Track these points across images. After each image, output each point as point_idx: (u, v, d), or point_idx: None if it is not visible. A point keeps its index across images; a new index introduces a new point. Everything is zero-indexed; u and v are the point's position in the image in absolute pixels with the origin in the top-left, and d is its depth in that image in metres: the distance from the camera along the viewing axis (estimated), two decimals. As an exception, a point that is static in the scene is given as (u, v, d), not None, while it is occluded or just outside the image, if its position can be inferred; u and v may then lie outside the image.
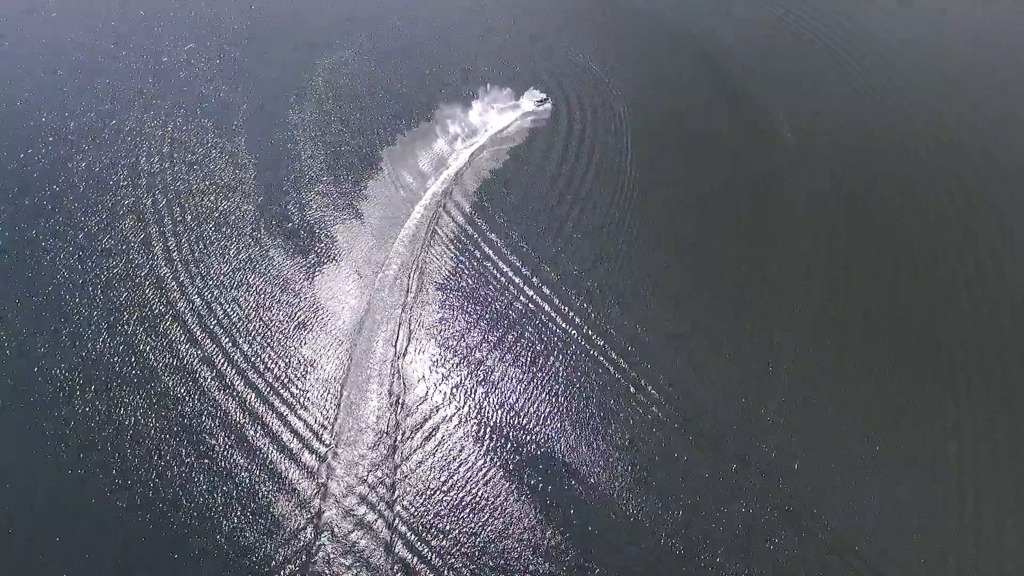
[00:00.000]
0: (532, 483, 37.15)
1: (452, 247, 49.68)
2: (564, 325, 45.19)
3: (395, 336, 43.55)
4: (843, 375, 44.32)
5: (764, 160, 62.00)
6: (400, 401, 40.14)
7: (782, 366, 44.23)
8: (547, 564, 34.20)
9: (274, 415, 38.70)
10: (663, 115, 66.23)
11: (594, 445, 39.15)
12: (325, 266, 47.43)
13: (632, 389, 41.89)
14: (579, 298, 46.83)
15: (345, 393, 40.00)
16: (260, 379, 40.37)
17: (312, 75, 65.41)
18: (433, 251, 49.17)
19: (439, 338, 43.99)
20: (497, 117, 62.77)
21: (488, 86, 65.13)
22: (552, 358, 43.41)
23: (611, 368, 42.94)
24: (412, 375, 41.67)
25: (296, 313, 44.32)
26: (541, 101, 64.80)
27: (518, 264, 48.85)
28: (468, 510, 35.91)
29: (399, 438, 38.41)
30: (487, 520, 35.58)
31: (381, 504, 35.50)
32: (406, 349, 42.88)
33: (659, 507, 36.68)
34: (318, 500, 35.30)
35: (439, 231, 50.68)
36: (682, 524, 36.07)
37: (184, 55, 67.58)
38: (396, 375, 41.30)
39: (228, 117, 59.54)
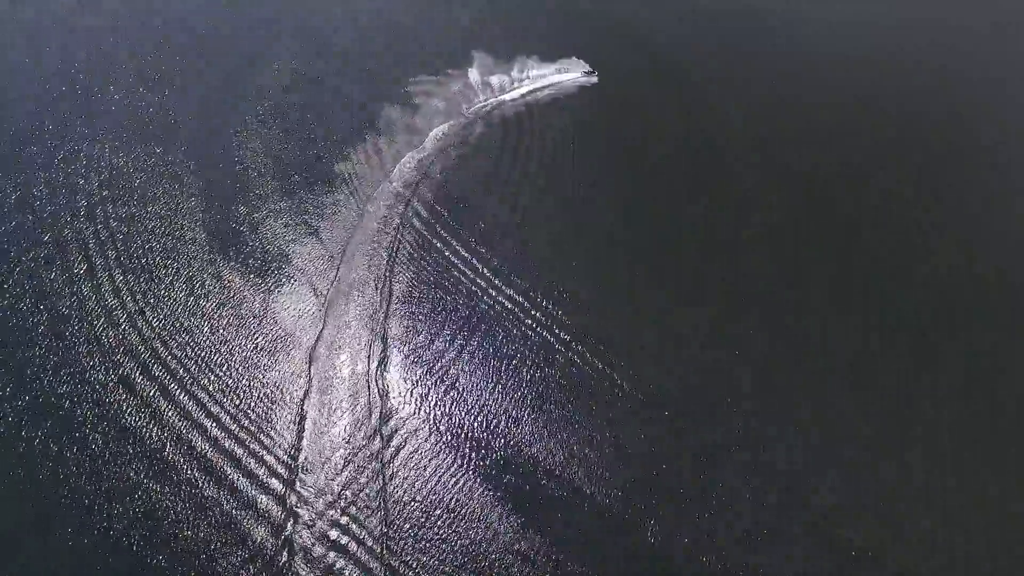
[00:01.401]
0: (509, 487, 37.43)
1: (411, 256, 49.42)
2: (532, 324, 45.34)
3: (361, 350, 42.97)
4: (807, 362, 45.87)
5: (710, 149, 63.17)
6: (370, 415, 39.57)
7: (749, 355, 45.28)
8: (529, 567, 34.31)
9: (236, 443, 37.92)
10: (609, 109, 67.15)
11: (568, 443, 39.48)
12: (281, 286, 46.66)
13: (606, 384, 42.46)
14: (545, 298, 47.11)
15: (308, 411, 39.31)
16: (220, 407, 39.45)
17: (259, 88, 64.14)
18: (390, 261, 48.77)
19: (406, 350, 43.82)
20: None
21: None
22: (521, 360, 43.64)
23: (583, 366, 43.41)
24: (377, 389, 41.21)
25: (254, 335, 43.44)
26: (589, 72, 69.94)
27: (481, 268, 48.92)
28: (447, 519, 35.94)
29: (371, 453, 37.89)
30: (467, 528, 35.67)
31: (354, 523, 35.26)
32: (376, 363, 42.36)
33: (636, 501, 37.30)
34: (288, 523, 34.80)
35: (396, 241, 50.25)
36: (662, 518, 36.71)
37: (123, 75, 65.31)
38: (364, 390, 40.74)
39: (171, 139, 57.82)
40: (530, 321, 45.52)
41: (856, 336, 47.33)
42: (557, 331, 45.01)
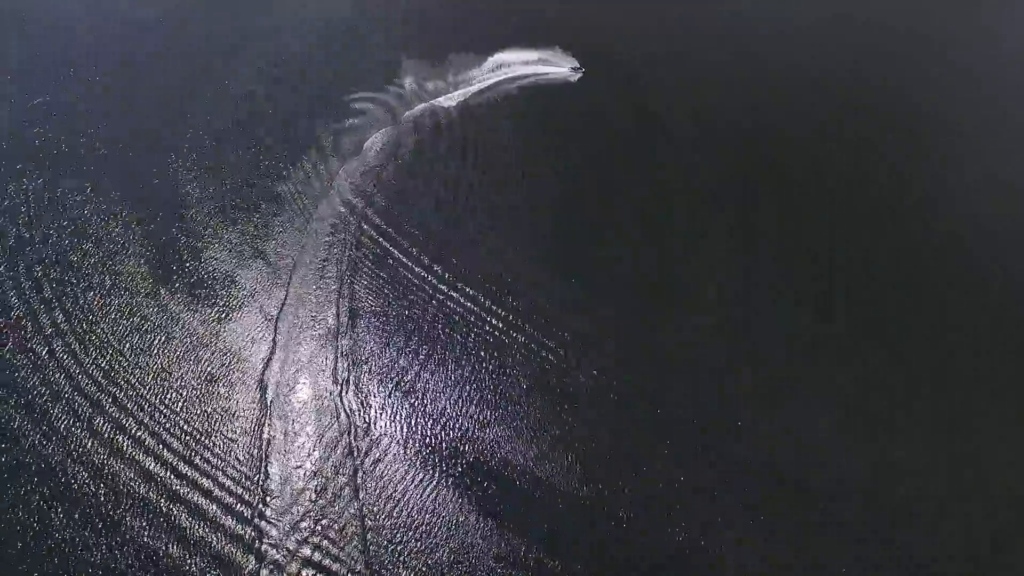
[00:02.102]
0: (482, 492, 37.66)
1: (363, 268, 48.94)
2: (492, 326, 45.49)
3: (321, 369, 42.24)
4: (765, 341, 47.39)
5: (649, 136, 64.20)
6: (339, 435, 39.00)
7: (714, 344, 46.43)
8: (511, 570, 34.30)
9: (194, 485, 36.92)
10: (548, 97, 67.60)
11: (537, 443, 39.69)
12: (231, 312, 45.66)
13: (567, 381, 42.89)
14: (500, 298, 47.20)
15: (268, 438, 38.47)
16: (177, 441, 38.27)
17: (192, 112, 62.11)
18: (341, 276, 48.05)
19: (369, 365, 43.16)
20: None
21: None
22: (485, 363, 43.89)
23: (546, 365, 43.79)
24: (344, 407, 40.55)
25: (206, 366, 42.39)
26: (576, 68, 70.19)
27: (435, 273, 48.70)
28: (425, 531, 36.02)
29: (343, 473, 37.34)
30: (447, 538, 35.80)
31: (327, 541, 34.91)
32: (340, 380, 41.74)
33: (610, 496, 37.98)
34: (259, 546, 34.25)
35: (347, 254, 49.52)
36: (637, 512, 37.45)
37: (41, 106, 62.30)
38: (328, 409, 40.11)
39: (102, 170, 55.42)
40: (491, 323, 45.57)
41: (811, 312, 48.95)
42: (517, 332, 45.24)
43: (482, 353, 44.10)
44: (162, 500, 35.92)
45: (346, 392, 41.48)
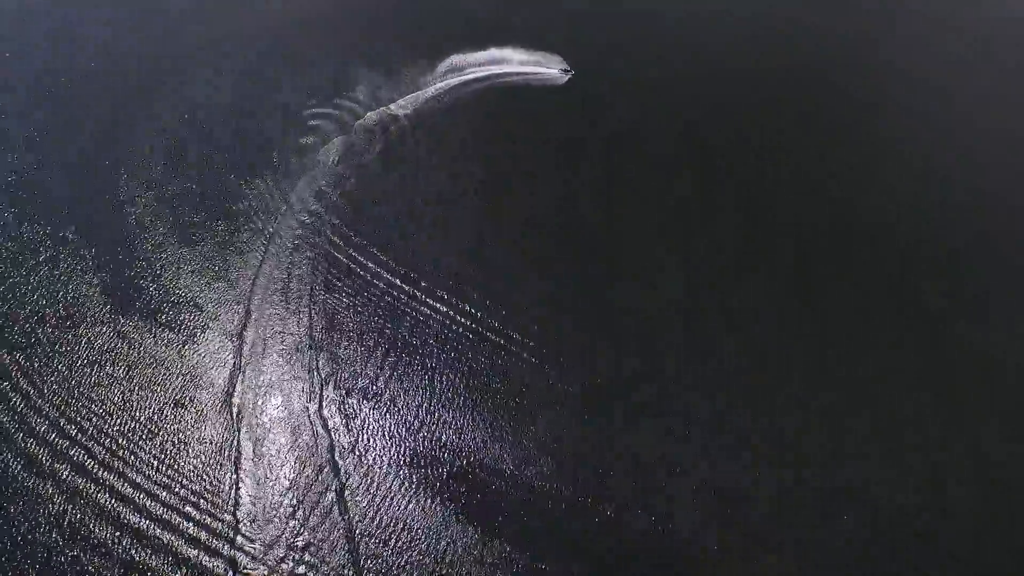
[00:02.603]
0: (465, 498, 37.63)
1: (328, 281, 48.22)
2: (463, 331, 45.43)
3: (294, 387, 41.50)
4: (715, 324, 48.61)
5: (605, 126, 64.93)
6: (316, 453, 38.39)
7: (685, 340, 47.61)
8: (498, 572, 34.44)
9: (165, 522, 35.73)
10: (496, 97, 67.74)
11: (516, 446, 39.80)
12: (194, 334, 44.42)
13: (546, 384, 43.34)
14: (471, 302, 47.24)
15: (243, 465, 37.67)
16: (143, 479, 37.25)
17: (141, 132, 60.00)
18: (305, 290, 47.20)
19: (342, 379, 42.44)
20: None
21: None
22: (459, 369, 43.80)
23: (521, 367, 43.99)
24: (320, 425, 39.90)
25: (171, 392, 41.26)
26: (566, 71, 68.07)
27: (401, 280, 48.34)
28: (412, 542, 35.79)
29: (325, 493, 36.79)
30: (433, 548, 35.64)
31: (307, 559, 34.17)
32: (313, 397, 41.04)
33: (590, 496, 38.51)
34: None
35: (310, 268, 48.69)
36: (617, 512, 38.05)
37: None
38: (303, 428, 39.44)
39: (48, 200, 53.21)
40: (461, 329, 45.48)
41: (766, 294, 50.50)
42: (490, 335, 45.29)
43: (457, 359, 44.04)
44: (128, 538, 34.79)
45: (319, 408, 40.88)
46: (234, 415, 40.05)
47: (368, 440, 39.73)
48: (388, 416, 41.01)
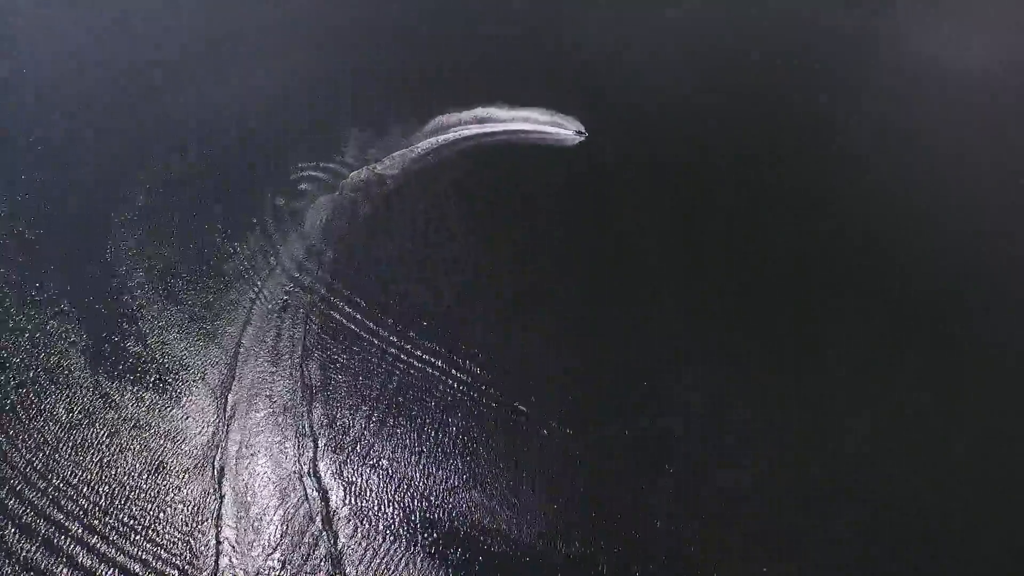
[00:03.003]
0: (460, 558, 37.14)
1: (319, 339, 48.23)
2: (456, 387, 45.56)
3: (285, 450, 41.00)
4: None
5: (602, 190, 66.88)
6: (310, 519, 37.69)
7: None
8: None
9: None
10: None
11: (508, 503, 39.65)
12: (180, 397, 44.07)
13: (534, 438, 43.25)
14: (462, 357, 47.46)
15: (226, 530, 36.86)
16: (127, 540, 36.17)
17: (130, 190, 60.61)
18: (297, 349, 47.21)
19: (333, 441, 42.07)
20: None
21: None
22: (451, 426, 43.82)
23: (515, 424, 44.04)
24: (314, 488, 39.26)
25: (157, 457, 40.65)
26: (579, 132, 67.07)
27: (393, 337, 48.57)
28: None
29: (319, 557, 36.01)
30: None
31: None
32: (306, 459, 40.51)
33: (592, 553, 38.10)
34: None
35: (301, 327, 48.83)
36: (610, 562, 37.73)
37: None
38: (295, 491, 38.82)
39: (33, 261, 53.32)
40: (454, 384, 45.59)
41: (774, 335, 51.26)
42: (481, 390, 45.45)
43: (449, 416, 44.04)
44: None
45: (309, 472, 40.37)
46: (217, 479, 39.39)
47: (359, 501, 39.14)
48: (378, 475, 40.55)
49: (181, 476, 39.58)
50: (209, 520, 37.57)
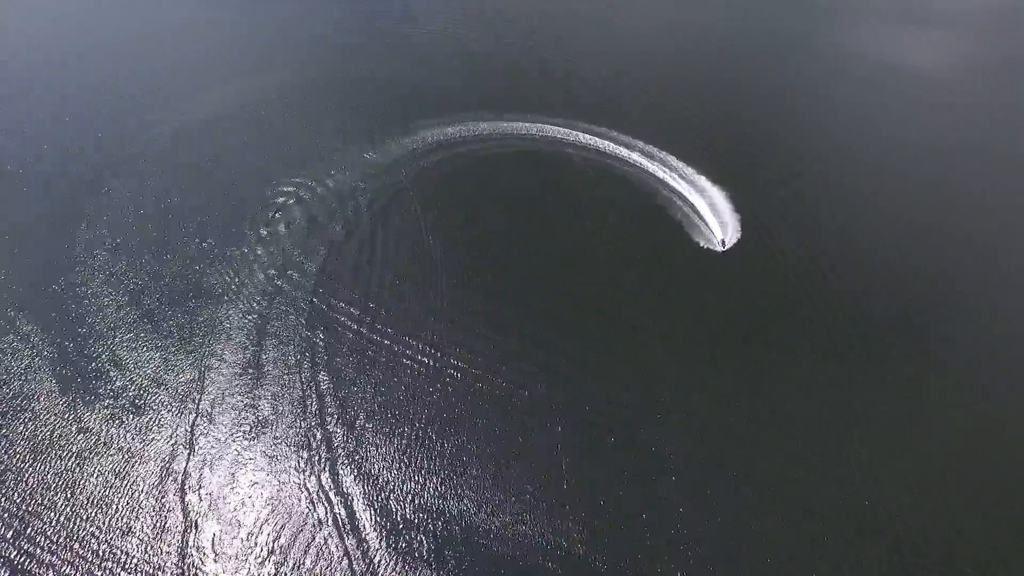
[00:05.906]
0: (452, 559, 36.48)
1: (304, 362, 47.53)
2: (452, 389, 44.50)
3: (298, 465, 40.15)
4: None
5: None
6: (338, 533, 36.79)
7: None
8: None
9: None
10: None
11: (510, 507, 39.06)
12: (159, 419, 43.09)
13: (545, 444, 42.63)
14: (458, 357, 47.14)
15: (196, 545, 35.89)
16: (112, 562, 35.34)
17: (108, 208, 60.10)
18: (296, 366, 46.55)
19: (334, 457, 41.09)
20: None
21: None
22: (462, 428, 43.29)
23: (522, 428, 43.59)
24: (334, 500, 38.37)
25: (133, 483, 39.77)
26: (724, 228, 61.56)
27: (395, 344, 48.26)
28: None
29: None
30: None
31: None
32: (322, 474, 39.68)
33: (591, 554, 37.33)
34: None
35: (282, 353, 48.32)
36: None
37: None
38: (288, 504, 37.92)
39: (3, 286, 52.59)
40: (442, 385, 45.09)
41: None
42: (476, 394, 45.29)
43: (438, 420, 43.80)
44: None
45: (310, 482, 39.73)
46: (184, 501, 38.52)
47: (356, 515, 38.45)
48: (367, 483, 39.78)
49: (161, 495, 38.55)
50: (175, 540, 36.56)
